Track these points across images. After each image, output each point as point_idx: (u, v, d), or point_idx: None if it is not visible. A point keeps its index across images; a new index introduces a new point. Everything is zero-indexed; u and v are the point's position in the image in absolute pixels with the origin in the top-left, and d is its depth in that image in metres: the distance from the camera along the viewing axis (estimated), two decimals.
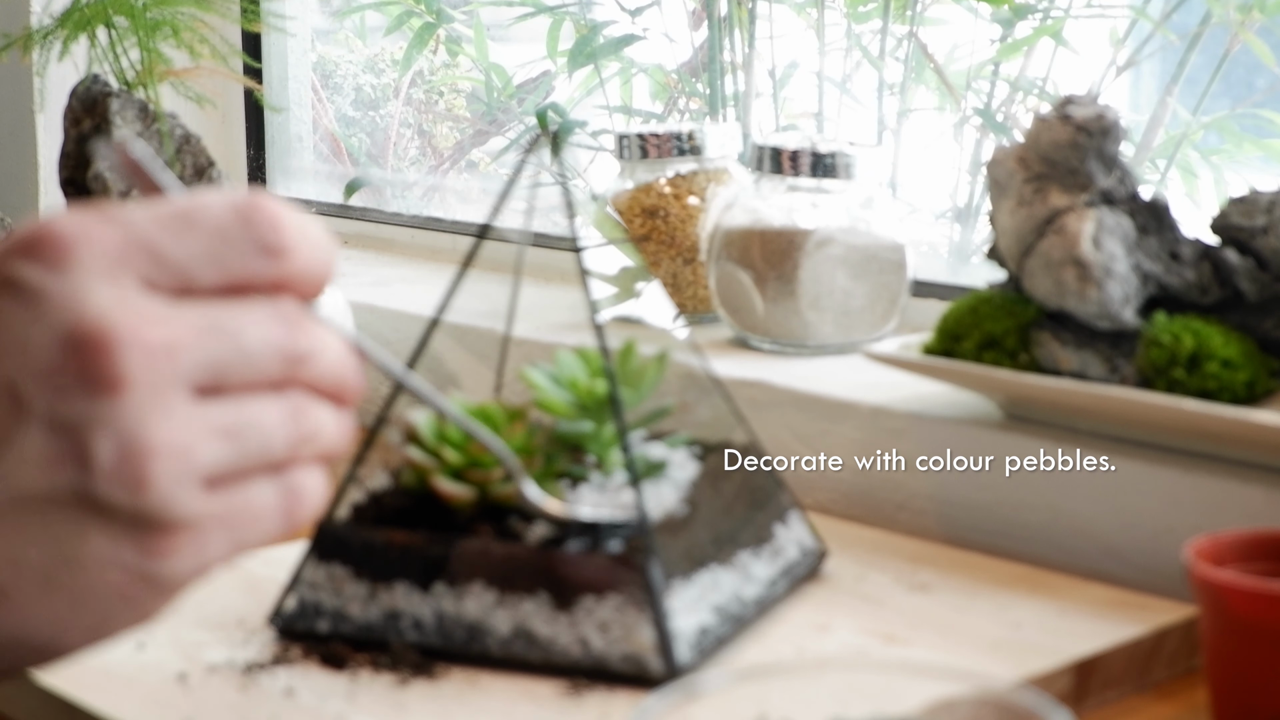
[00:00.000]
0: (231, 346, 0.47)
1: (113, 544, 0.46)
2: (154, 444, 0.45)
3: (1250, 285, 0.89)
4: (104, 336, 0.44)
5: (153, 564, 0.46)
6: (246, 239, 0.47)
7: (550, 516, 0.74)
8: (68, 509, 0.45)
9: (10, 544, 0.45)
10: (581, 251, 0.76)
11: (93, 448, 0.44)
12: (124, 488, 0.45)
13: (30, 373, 0.44)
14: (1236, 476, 0.84)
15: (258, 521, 0.48)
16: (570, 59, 1.50)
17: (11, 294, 0.45)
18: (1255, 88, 1.13)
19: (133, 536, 0.46)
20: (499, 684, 0.73)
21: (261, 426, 0.47)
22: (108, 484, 0.45)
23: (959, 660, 0.75)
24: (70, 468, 0.44)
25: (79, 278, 0.45)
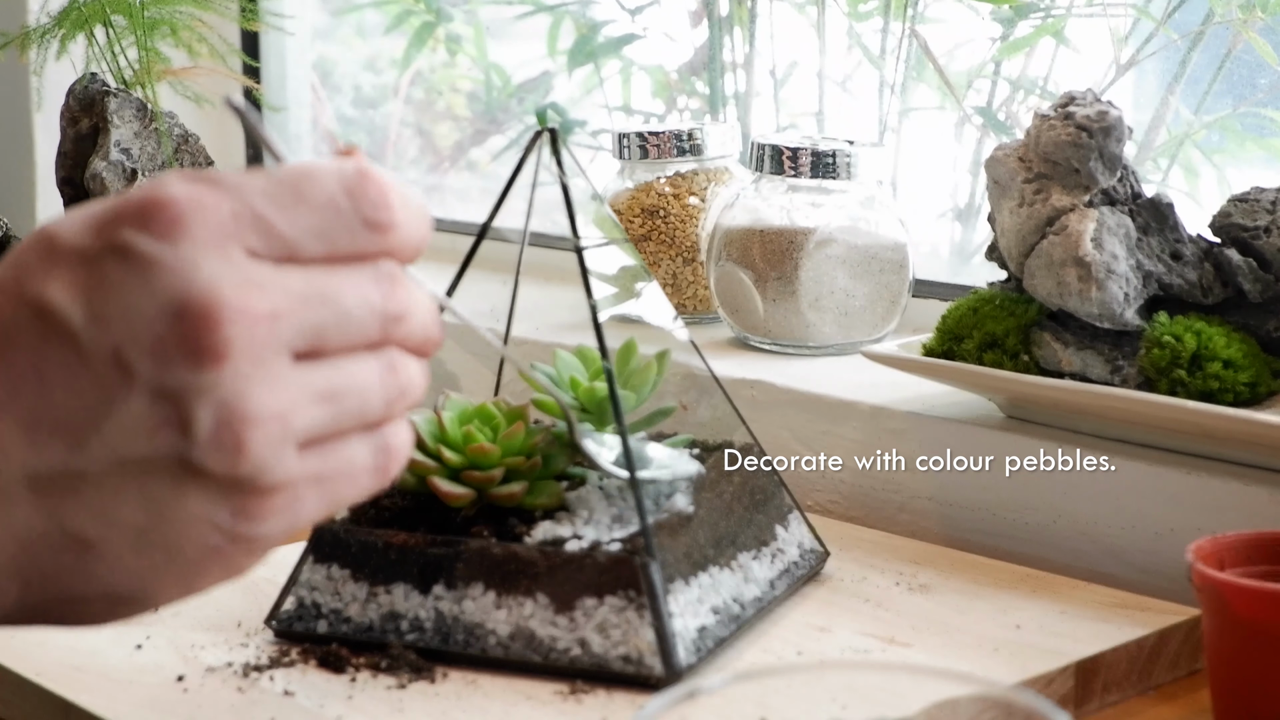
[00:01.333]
0: (332, 311, 0.48)
1: (208, 506, 0.47)
2: (253, 412, 0.46)
3: (1252, 285, 0.88)
4: (211, 309, 0.45)
5: (247, 525, 0.47)
6: (355, 213, 0.49)
7: (608, 471, 0.74)
8: (166, 473, 0.46)
9: (107, 503, 0.46)
10: (581, 251, 0.76)
11: (194, 416, 0.45)
12: (222, 455, 0.46)
13: (138, 341, 0.45)
14: (1239, 477, 0.84)
15: (352, 479, 0.49)
16: (570, 58, 1.50)
17: (122, 261, 0.46)
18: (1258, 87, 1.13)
19: (228, 499, 0.47)
20: (498, 685, 0.73)
21: (359, 388, 0.48)
22: (207, 451, 0.46)
23: (960, 662, 0.75)
24: (171, 434, 0.46)
25: (190, 248, 0.46)
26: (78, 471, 0.46)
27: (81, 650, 0.77)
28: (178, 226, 0.46)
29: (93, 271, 0.46)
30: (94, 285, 0.46)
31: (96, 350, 0.45)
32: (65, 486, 0.46)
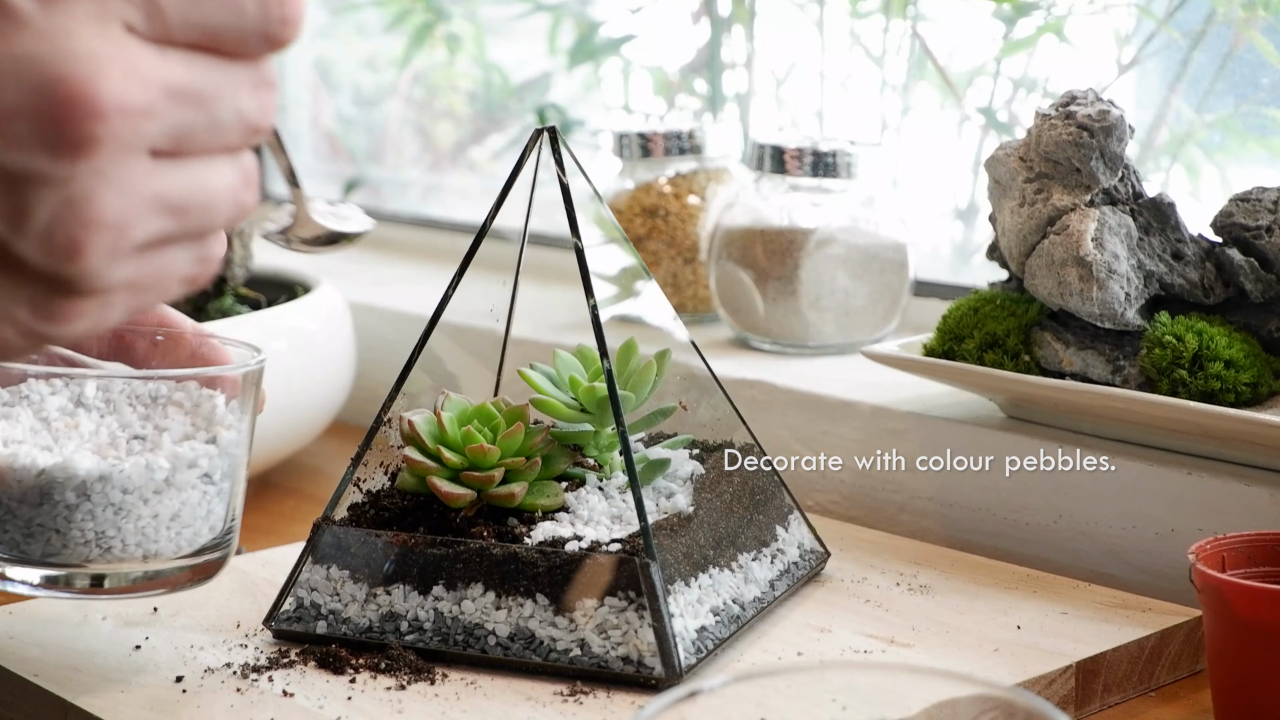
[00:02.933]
0: (205, 115, 0.43)
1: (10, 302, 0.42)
2: (98, 218, 0.41)
3: (1254, 285, 0.88)
4: (85, 95, 0.40)
5: (48, 326, 0.43)
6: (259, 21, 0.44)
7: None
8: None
9: None
10: (581, 251, 0.76)
11: (32, 208, 0.40)
12: (53, 255, 0.41)
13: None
14: (1240, 478, 0.84)
15: (165, 288, 0.45)
16: (570, 57, 1.50)
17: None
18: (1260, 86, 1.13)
19: (37, 298, 0.42)
20: (498, 686, 0.73)
21: (207, 200, 0.44)
22: (35, 247, 0.41)
23: (960, 662, 0.75)
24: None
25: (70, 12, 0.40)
26: None
27: (80, 651, 0.77)
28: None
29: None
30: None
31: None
32: None
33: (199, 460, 0.70)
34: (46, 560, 0.68)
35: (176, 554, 0.70)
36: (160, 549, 0.70)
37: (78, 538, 0.68)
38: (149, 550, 0.70)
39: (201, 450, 0.70)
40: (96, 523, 0.68)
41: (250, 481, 1.14)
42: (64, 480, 0.68)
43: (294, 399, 1.08)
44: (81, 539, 0.68)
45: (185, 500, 0.70)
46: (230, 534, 0.73)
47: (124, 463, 0.69)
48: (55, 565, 0.69)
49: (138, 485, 0.69)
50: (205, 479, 0.70)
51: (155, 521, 0.69)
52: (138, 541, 0.69)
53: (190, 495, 0.70)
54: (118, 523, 0.69)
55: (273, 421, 1.06)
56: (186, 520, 0.70)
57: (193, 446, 0.70)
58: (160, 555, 0.70)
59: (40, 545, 0.68)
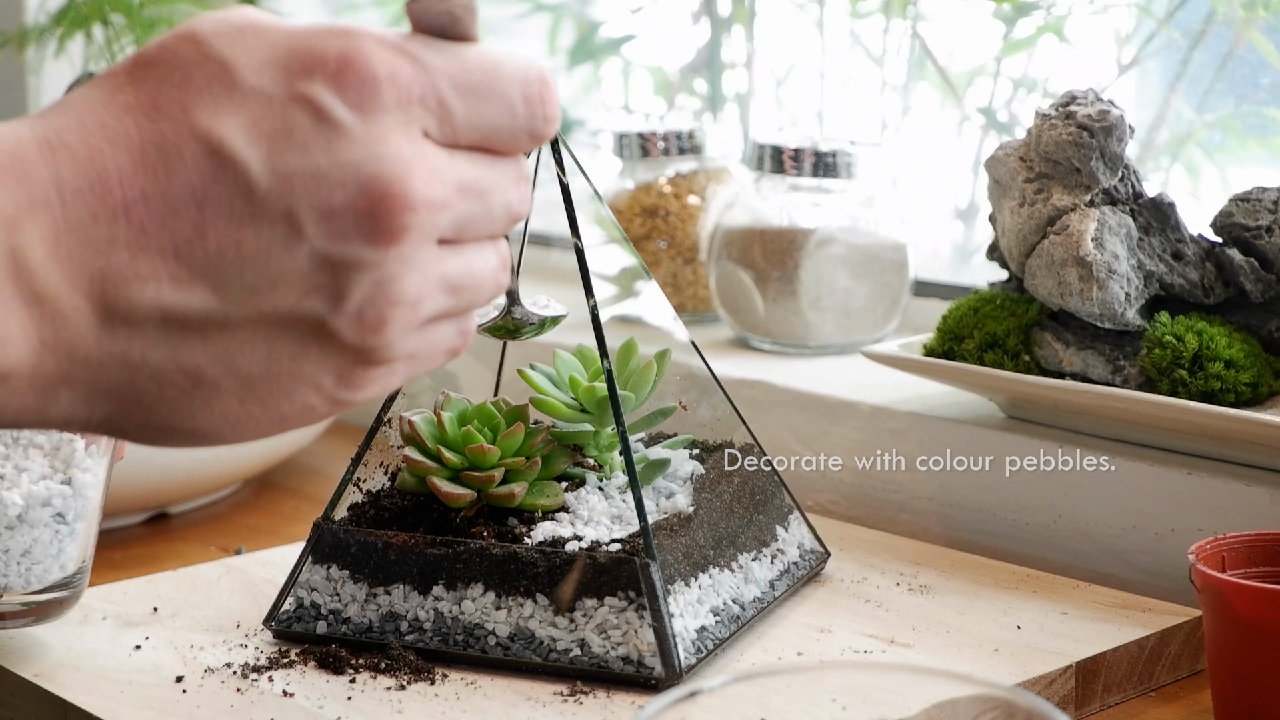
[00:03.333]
0: (482, 207, 0.49)
1: (321, 371, 0.48)
2: (400, 296, 0.47)
3: (1254, 285, 0.88)
4: (397, 192, 0.46)
5: (346, 392, 0.48)
6: (526, 121, 0.49)
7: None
8: (299, 333, 0.47)
9: (231, 351, 0.46)
10: (581, 251, 0.76)
11: (350, 290, 0.46)
12: (362, 330, 0.47)
13: (315, 205, 0.45)
14: (1240, 478, 0.84)
15: (434, 358, 0.50)
16: (570, 57, 1.50)
17: (313, 119, 0.45)
18: (1260, 86, 1.13)
19: (341, 369, 0.48)
20: (498, 686, 0.73)
21: (478, 280, 0.50)
22: (349, 323, 0.47)
23: (960, 663, 0.75)
24: (321, 301, 0.46)
25: (382, 122, 0.46)
26: (218, 318, 0.46)
27: (81, 651, 0.77)
28: (374, 97, 0.46)
29: (277, 121, 0.45)
30: (278, 137, 0.45)
31: (271, 205, 0.45)
32: (197, 329, 0.46)
33: (53, 499, 0.71)
34: None
35: (25, 589, 0.71)
36: (9, 583, 0.71)
37: None
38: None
39: (56, 490, 0.71)
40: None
41: (250, 481, 1.14)
42: None
43: None
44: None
45: (36, 538, 0.71)
46: (80, 575, 0.74)
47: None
48: None
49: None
50: (58, 518, 0.71)
51: (5, 557, 0.70)
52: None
53: (42, 533, 0.71)
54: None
55: None
56: (37, 557, 0.71)
57: (48, 486, 0.71)
58: (10, 589, 0.70)
59: None
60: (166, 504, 1.07)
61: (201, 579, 0.86)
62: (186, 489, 1.06)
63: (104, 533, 1.04)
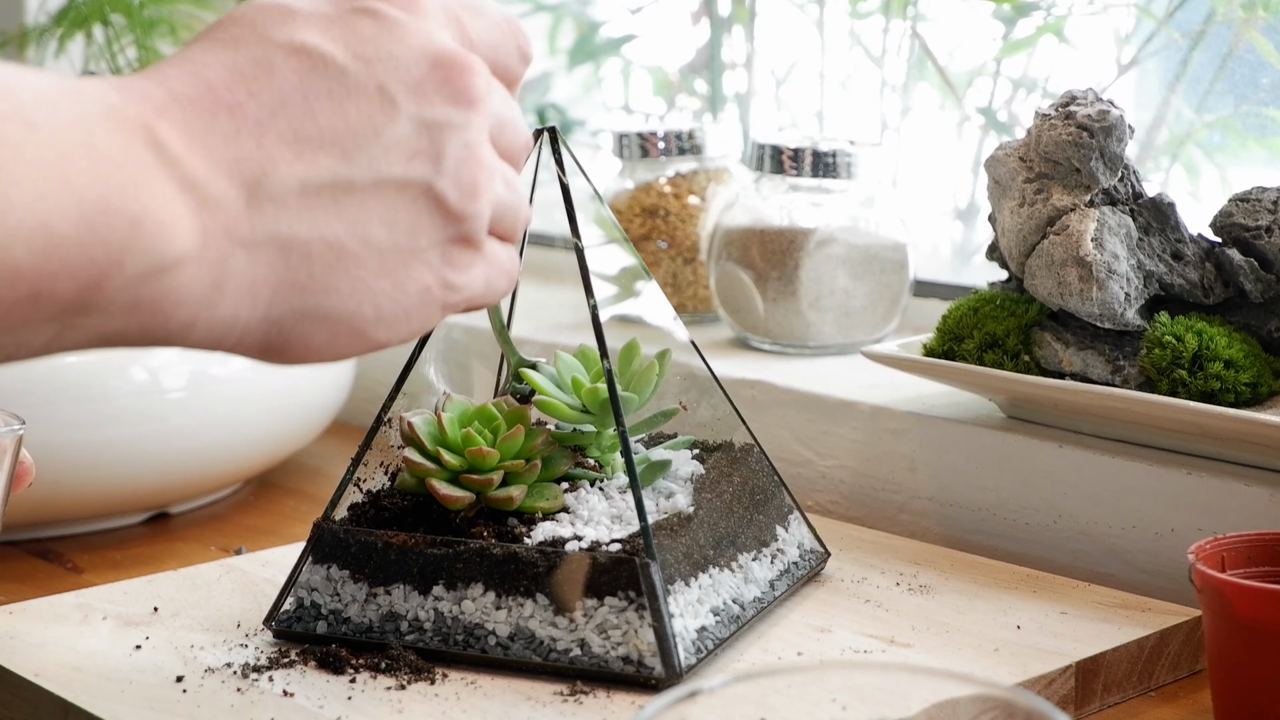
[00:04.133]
0: (508, 111, 0.55)
1: (433, 245, 0.53)
2: (485, 161, 0.53)
3: (1254, 285, 0.88)
4: (463, 60, 0.53)
5: (452, 274, 0.54)
6: (518, 41, 0.57)
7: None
8: (412, 197, 0.52)
9: (363, 217, 0.51)
10: (581, 251, 0.76)
11: (446, 150, 0.52)
12: (460, 191, 0.53)
13: (401, 79, 0.52)
14: (1240, 478, 0.84)
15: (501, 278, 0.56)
16: (570, 57, 1.50)
17: (372, 20, 0.52)
18: (1259, 86, 1.13)
19: (445, 242, 0.53)
20: (498, 686, 0.73)
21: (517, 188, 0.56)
22: (450, 183, 0.52)
23: (960, 662, 0.75)
24: (425, 163, 0.52)
25: (429, 19, 0.53)
26: (345, 181, 0.51)
27: (81, 651, 0.77)
28: (415, 3, 0.53)
29: (344, 26, 0.52)
30: (349, 34, 0.51)
31: (363, 82, 0.51)
32: (330, 195, 0.51)
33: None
34: None
35: None
36: None
37: None
38: None
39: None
40: None
41: (250, 481, 1.14)
42: None
43: (294, 399, 1.08)
44: None
45: None
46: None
47: None
48: None
49: None
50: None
51: None
52: None
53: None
54: None
55: (273, 421, 1.06)
56: None
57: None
58: None
59: None
60: (166, 504, 1.07)
61: (201, 579, 0.86)
62: (186, 489, 1.06)
63: (104, 532, 1.04)
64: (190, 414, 1.02)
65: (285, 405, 1.07)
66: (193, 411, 1.02)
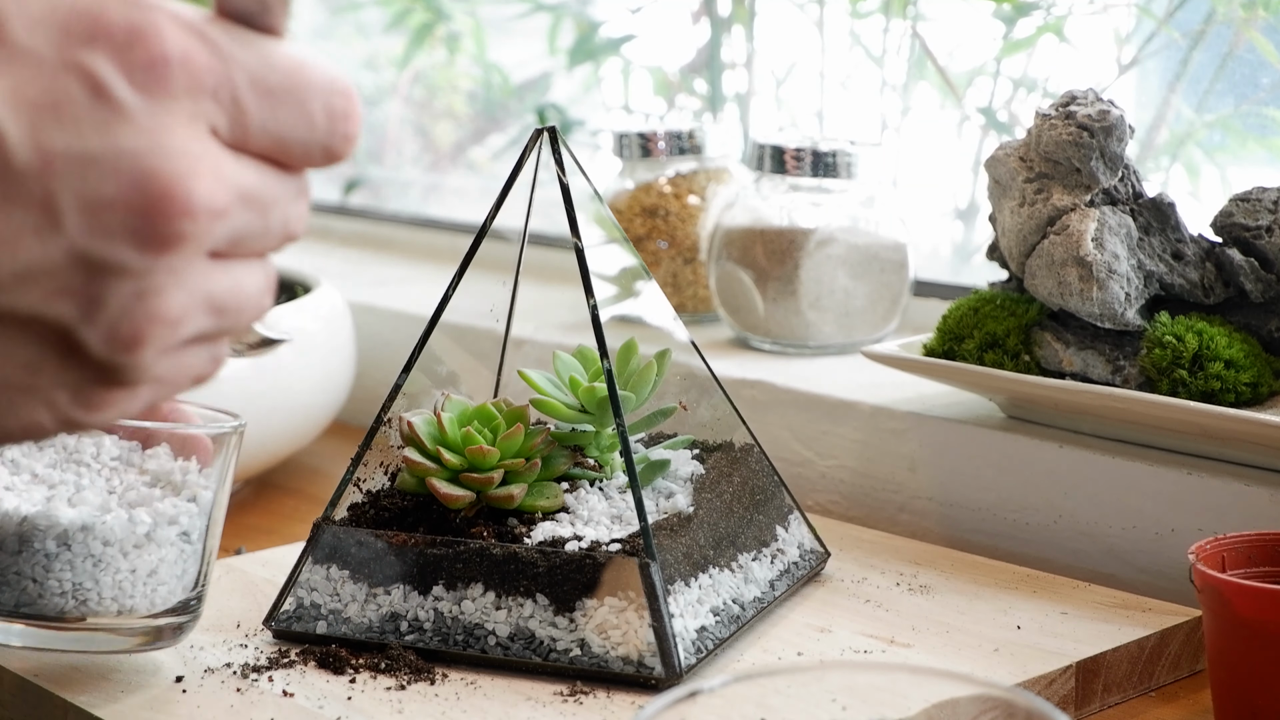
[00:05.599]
0: (261, 220, 0.43)
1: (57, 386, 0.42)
2: (162, 313, 0.41)
3: (1254, 285, 0.88)
4: (178, 194, 0.40)
5: (80, 413, 0.43)
6: (325, 135, 0.44)
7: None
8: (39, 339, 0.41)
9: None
10: (581, 251, 0.76)
11: (107, 297, 0.40)
12: (113, 346, 0.41)
13: (81, 192, 0.39)
14: (1240, 478, 0.84)
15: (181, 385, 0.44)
16: (570, 57, 1.50)
17: (89, 94, 0.39)
18: (1260, 85, 1.13)
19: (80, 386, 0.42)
20: (498, 686, 0.73)
21: (242, 300, 0.44)
22: (101, 336, 0.41)
23: (960, 662, 0.75)
24: (71, 305, 0.40)
25: (169, 109, 0.40)
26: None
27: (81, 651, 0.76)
28: (162, 80, 0.40)
29: (47, 89, 0.39)
30: (45, 108, 0.39)
31: (28, 185, 0.39)
32: None
33: (179, 518, 0.70)
34: (19, 610, 0.68)
35: (150, 611, 0.70)
36: (135, 604, 0.70)
37: (54, 588, 0.68)
38: (124, 605, 0.69)
39: (183, 508, 0.70)
40: (75, 573, 0.68)
41: (250, 481, 1.14)
42: (46, 528, 0.67)
43: (294, 399, 1.08)
44: (58, 589, 0.68)
45: (163, 557, 0.70)
46: (200, 597, 0.73)
47: (107, 515, 0.69)
48: (28, 616, 0.68)
49: (119, 538, 0.68)
50: (184, 537, 0.70)
51: (133, 576, 0.69)
52: (114, 595, 0.69)
53: (168, 552, 0.70)
54: (96, 575, 0.68)
55: (273, 421, 1.06)
56: (163, 577, 0.70)
57: (174, 504, 0.70)
58: (134, 611, 0.70)
59: (15, 594, 0.68)
60: None
61: None
62: None
63: None
64: None
65: (285, 405, 1.07)
66: None
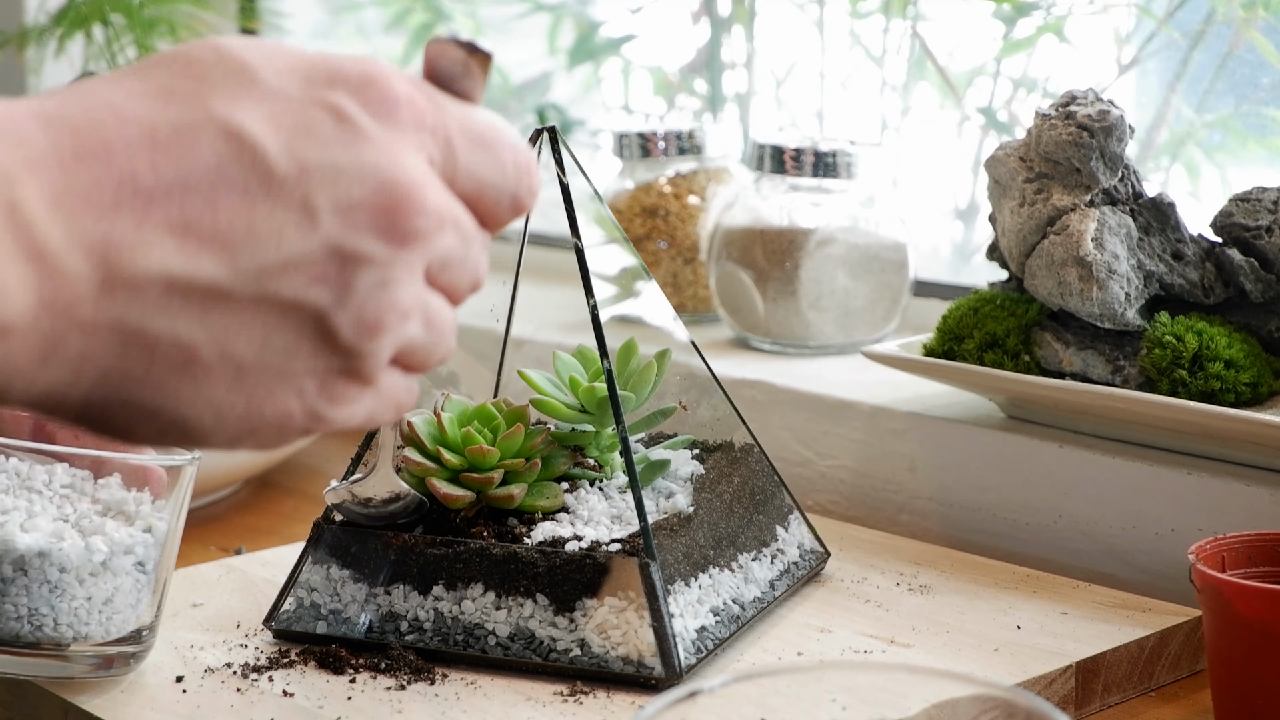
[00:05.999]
0: (462, 253, 0.50)
1: (308, 373, 0.47)
2: (400, 303, 0.48)
3: (1254, 285, 0.88)
4: (415, 195, 0.47)
5: (326, 407, 0.48)
6: (514, 184, 0.51)
7: None
8: (299, 322, 0.47)
9: (230, 329, 0.46)
10: (581, 251, 0.76)
11: (356, 283, 0.47)
12: (359, 329, 0.47)
13: (333, 195, 0.46)
14: (1240, 478, 0.84)
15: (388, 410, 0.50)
16: (570, 57, 1.50)
17: (334, 120, 0.47)
18: (1260, 86, 1.13)
19: (326, 373, 0.48)
20: (498, 686, 0.73)
21: (444, 325, 0.50)
22: (350, 319, 0.47)
23: (960, 662, 0.75)
24: (327, 291, 0.46)
25: (400, 137, 0.48)
26: (221, 290, 0.45)
27: None
28: (393, 112, 0.48)
29: (298, 118, 0.46)
30: (298, 130, 0.46)
31: (289, 190, 0.46)
32: (199, 300, 0.45)
33: (135, 547, 0.70)
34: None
35: (104, 638, 0.70)
36: (90, 632, 0.70)
37: (10, 613, 0.68)
38: (79, 632, 0.70)
39: (139, 537, 0.71)
40: (30, 599, 0.68)
41: (250, 481, 1.14)
42: (2, 554, 0.68)
43: None
44: (14, 614, 0.68)
45: (119, 586, 0.70)
46: (153, 628, 0.73)
47: (63, 541, 0.69)
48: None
49: (75, 565, 0.69)
50: (139, 567, 0.71)
51: (89, 604, 0.70)
52: (69, 622, 0.69)
53: (124, 581, 0.70)
54: (52, 601, 0.69)
55: None
56: (118, 606, 0.70)
57: (130, 533, 0.70)
58: (89, 638, 0.70)
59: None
60: None
61: (201, 579, 0.86)
62: None
63: None
64: None
65: None
66: None
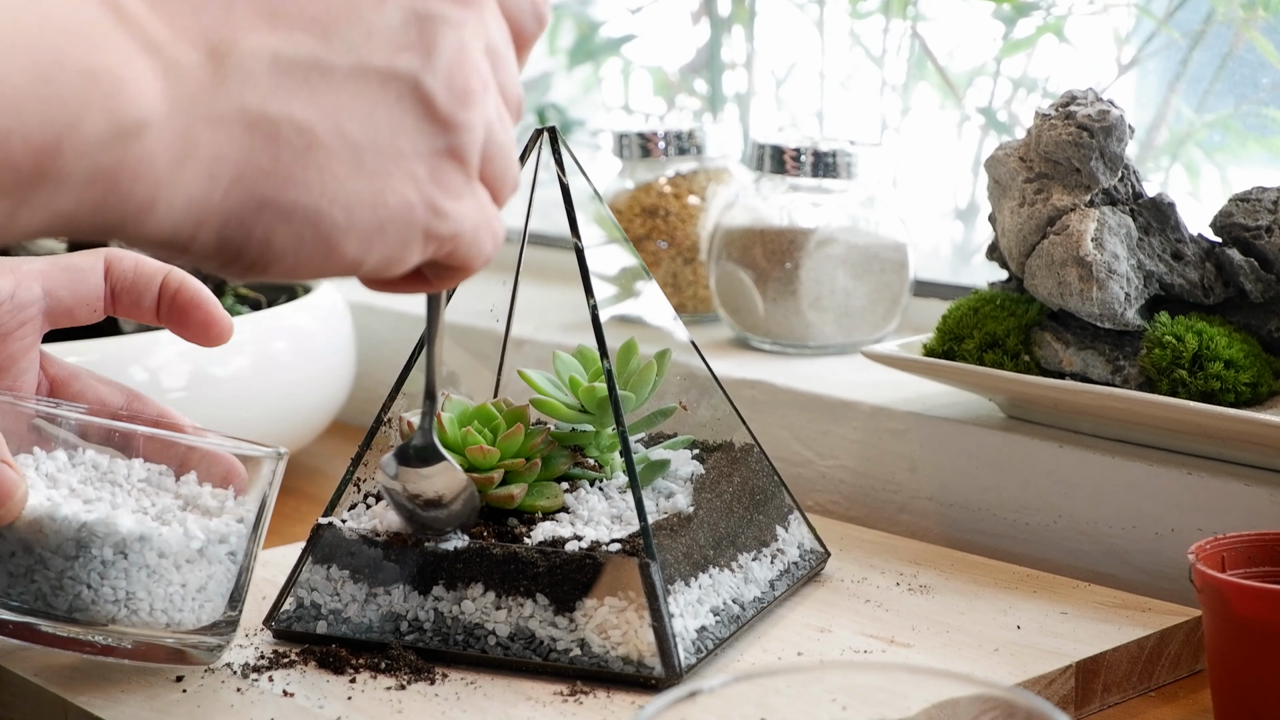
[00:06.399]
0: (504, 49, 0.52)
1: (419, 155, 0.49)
2: (479, 66, 0.50)
3: (1254, 285, 0.88)
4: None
5: (440, 196, 0.50)
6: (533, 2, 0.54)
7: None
8: (397, 95, 0.49)
9: (339, 105, 0.48)
10: (581, 251, 0.76)
11: (439, 42, 0.49)
12: (451, 93, 0.49)
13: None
14: (1240, 478, 0.84)
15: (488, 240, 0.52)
16: (570, 57, 1.50)
17: None
18: (1259, 86, 1.13)
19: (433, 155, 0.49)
20: (498, 686, 0.73)
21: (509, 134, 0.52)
22: (442, 80, 0.49)
23: (960, 662, 0.75)
24: (414, 56, 0.49)
25: None
26: (322, 63, 0.47)
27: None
28: None
29: None
30: None
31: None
32: (303, 76, 0.47)
33: (229, 536, 0.71)
34: (72, 615, 0.68)
35: (196, 626, 0.71)
36: (183, 618, 0.71)
37: (108, 595, 0.69)
38: (172, 618, 0.70)
39: (234, 528, 0.72)
40: (129, 582, 0.69)
41: None
42: (104, 536, 0.68)
43: (294, 399, 1.08)
44: (112, 597, 0.69)
45: (212, 574, 0.71)
46: (236, 620, 0.74)
47: (163, 526, 0.69)
48: (80, 622, 0.69)
49: (174, 551, 0.69)
50: (231, 556, 0.72)
51: (183, 590, 0.70)
52: (164, 608, 0.70)
53: (217, 570, 0.71)
54: (149, 585, 0.69)
55: (273, 421, 1.06)
56: (210, 594, 0.71)
57: (226, 523, 0.71)
58: (181, 625, 0.71)
59: (68, 599, 0.68)
60: None
61: None
62: None
63: None
64: (190, 414, 1.01)
65: (285, 405, 1.07)
66: (192, 411, 1.01)
